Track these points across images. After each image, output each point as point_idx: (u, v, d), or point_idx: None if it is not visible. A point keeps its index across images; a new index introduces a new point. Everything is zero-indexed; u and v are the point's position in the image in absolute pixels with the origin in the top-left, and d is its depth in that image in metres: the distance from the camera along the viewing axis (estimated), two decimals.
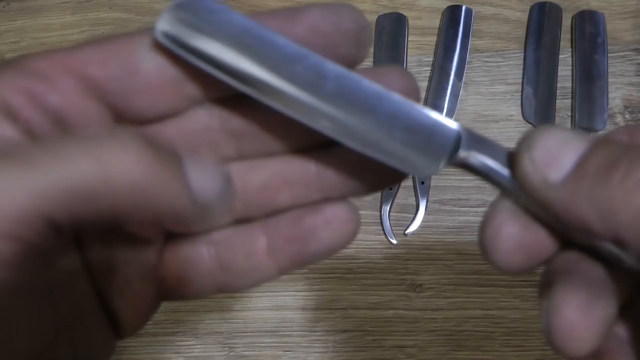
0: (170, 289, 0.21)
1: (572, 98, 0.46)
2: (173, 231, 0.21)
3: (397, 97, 0.19)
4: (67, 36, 0.52)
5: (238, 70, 0.18)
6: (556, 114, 0.45)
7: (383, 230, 0.44)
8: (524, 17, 0.48)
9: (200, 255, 0.21)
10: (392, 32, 0.48)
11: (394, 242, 0.44)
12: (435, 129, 0.19)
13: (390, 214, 0.44)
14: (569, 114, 0.45)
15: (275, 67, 0.19)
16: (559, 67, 0.46)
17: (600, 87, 0.45)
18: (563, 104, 0.46)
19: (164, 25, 0.18)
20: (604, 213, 0.16)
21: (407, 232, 0.44)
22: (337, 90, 0.19)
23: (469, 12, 0.48)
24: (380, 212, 0.44)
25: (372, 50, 0.48)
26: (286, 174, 0.21)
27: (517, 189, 0.18)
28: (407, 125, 0.19)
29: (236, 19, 0.19)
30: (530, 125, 0.45)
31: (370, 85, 0.19)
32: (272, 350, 0.43)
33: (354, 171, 0.20)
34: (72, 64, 0.18)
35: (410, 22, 0.49)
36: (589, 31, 0.47)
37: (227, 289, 0.21)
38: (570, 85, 0.46)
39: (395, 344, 0.42)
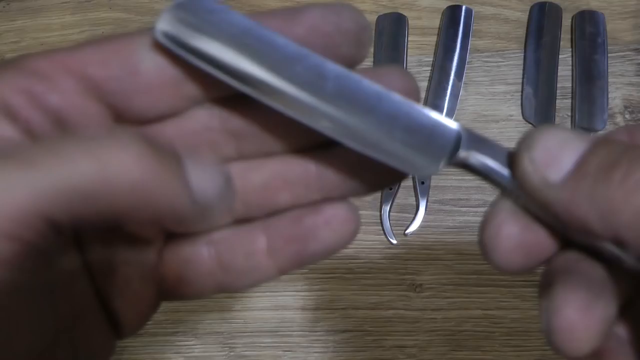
0: (170, 289, 0.21)
1: (572, 98, 0.46)
2: (173, 231, 0.21)
3: (397, 97, 0.19)
4: (67, 36, 0.52)
5: (238, 70, 0.18)
6: (556, 114, 0.45)
7: (383, 230, 0.44)
8: (524, 17, 0.48)
9: (200, 255, 0.21)
10: (392, 32, 0.48)
11: (394, 242, 0.44)
12: (435, 129, 0.19)
13: (390, 214, 0.44)
14: (569, 114, 0.45)
15: (275, 67, 0.19)
16: (559, 67, 0.46)
17: (600, 87, 0.45)
18: (563, 104, 0.46)
19: (164, 25, 0.18)
20: (604, 213, 0.16)
21: (407, 232, 0.44)
22: (337, 90, 0.19)
23: (469, 12, 0.48)
24: (380, 212, 0.44)
25: (372, 50, 0.48)
26: (286, 174, 0.21)
27: (517, 189, 0.18)
28: (407, 125, 0.19)
29: (236, 19, 0.19)
30: (530, 125, 0.45)
31: (370, 85, 0.19)
32: (272, 350, 0.43)
33: (354, 171, 0.20)
34: (72, 64, 0.18)
35: (410, 22, 0.49)
36: (589, 31, 0.47)
37: (227, 289, 0.21)
38: (570, 85, 0.46)
39: (395, 344, 0.42)
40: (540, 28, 0.47)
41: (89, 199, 0.15)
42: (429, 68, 0.48)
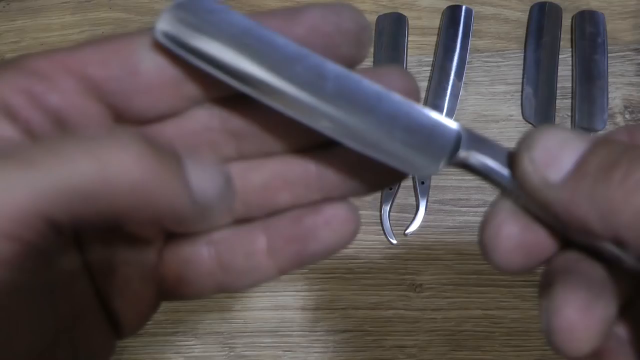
0: (170, 289, 0.21)
1: (572, 98, 0.46)
2: (173, 231, 0.21)
3: (397, 97, 0.19)
4: (67, 36, 0.52)
5: (238, 70, 0.18)
6: (556, 114, 0.45)
7: (383, 230, 0.44)
8: (524, 17, 0.48)
9: (200, 255, 0.21)
10: (392, 32, 0.48)
11: (394, 242, 0.44)
12: (435, 129, 0.19)
13: (390, 214, 0.44)
14: (569, 114, 0.45)
15: (275, 67, 0.19)
16: (559, 67, 0.46)
17: (600, 87, 0.45)
18: (563, 104, 0.46)
19: (164, 25, 0.18)
20: (604, 213, 0.16)
21: (407, 232, 0.44)
22: (337, 90, 0.19)
23: (469, 12, 0.48)
24: (380, 212, 0.44)
25: (372, 50, 0.48)
26: (286, 174, 0.21)
27: (517, 189, 0.18)
28: (407, 125, 0.19)
29: (236, 19, 0.19)
30: (530, 125, 0.45)
31: (370, 85, 0.19)
32: (272, 350, 0.43)
33: (354, 171, 0.20)
34: (72, 64, 0.18)
35: (410, 22, 0.49)
36: (589, 31, 0.47)
37: (227, 289, 0.21)
38: (570, 85, 0.46)
39: (395, 344, 0.42)
40: (540, 28, 0.47)
41: (89, 199, 0.15)
42: (429, 68, 0.48)
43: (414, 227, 0.44)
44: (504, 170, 0.19)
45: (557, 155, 0.17)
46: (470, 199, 0.44)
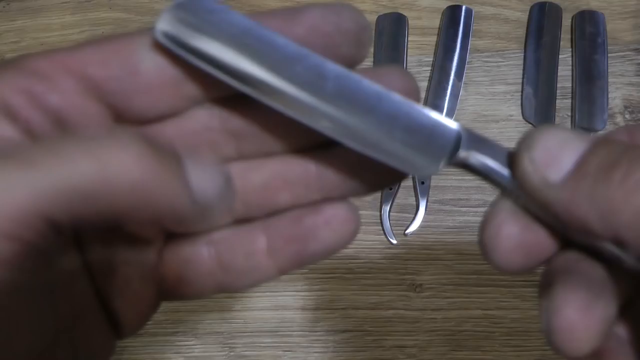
0: (170, 289, 0.21)
1: (572, 98, 0.46)
2: (173, 231, 0.21)
3: (397, 97, 0.19)
4: (67, 36, 0.52)
5: (238, 70, 0.19)
6: (556, 114, 0.45)
7: (383, 230, 0.44)
8: (524, 17, 0.48)
9: (200, 255, 0.21)
10: (392, 32, 0.48)
11: (394, 242, 0.44)
12: (435, 129, 0.19)
13: (390, 214, 0.44)
14: (569, 114, 0.45)
15: (275, 67, 0.19)
16: (559, 67, 0.46)
17: (600, 87, 0.45)
18: (563, 104, 0.46)
19: (164, 25, 0.18)
20: (604, 213, 0.16)
21: (407, 232, 0.44)
22: (337, 90, 0.19)
23: (469, 12, 0.48)
24: (380, 212, 0.44)
25: (372, 50, 0.48)
26: (286, 174, 0.21)
27: (517, 189, 0.18)
28: (407, 125, 0.19)
29: (236, 19, 0.19)
30: (530, 125, 0.45)
31: (370, 85, 0.19)
32: (272, 350, 0.43)
33: (354, 171, 0.20)
34: (72, 64, 0.18)
35: (410, 22, 0.49)
36: (589, 31, 0.47)
37: (227, 289, 0.21)
38: (570, 85, 0.46)
39: (395, 344, 0.42)
40: (540, 28, 0.47)
41: (89, 199, 0.15)
42: (429, 68, 0.48)
43: (414, 227, 0.44)
44: (504, 170, 0.19)
45: (557, 155, 0.17)
46: (470, 199, 0.44)
